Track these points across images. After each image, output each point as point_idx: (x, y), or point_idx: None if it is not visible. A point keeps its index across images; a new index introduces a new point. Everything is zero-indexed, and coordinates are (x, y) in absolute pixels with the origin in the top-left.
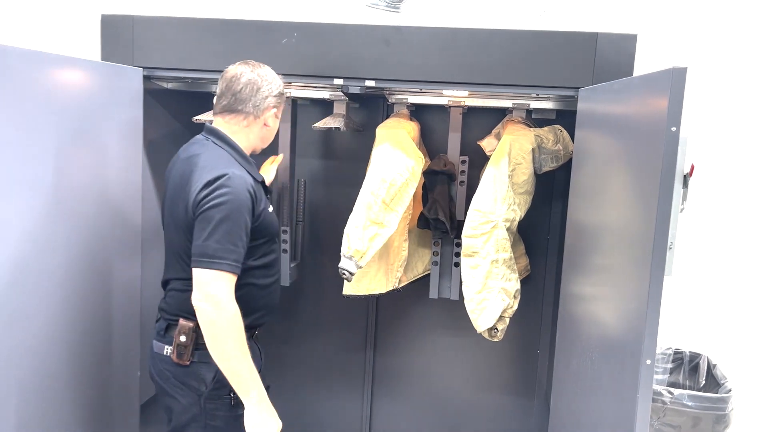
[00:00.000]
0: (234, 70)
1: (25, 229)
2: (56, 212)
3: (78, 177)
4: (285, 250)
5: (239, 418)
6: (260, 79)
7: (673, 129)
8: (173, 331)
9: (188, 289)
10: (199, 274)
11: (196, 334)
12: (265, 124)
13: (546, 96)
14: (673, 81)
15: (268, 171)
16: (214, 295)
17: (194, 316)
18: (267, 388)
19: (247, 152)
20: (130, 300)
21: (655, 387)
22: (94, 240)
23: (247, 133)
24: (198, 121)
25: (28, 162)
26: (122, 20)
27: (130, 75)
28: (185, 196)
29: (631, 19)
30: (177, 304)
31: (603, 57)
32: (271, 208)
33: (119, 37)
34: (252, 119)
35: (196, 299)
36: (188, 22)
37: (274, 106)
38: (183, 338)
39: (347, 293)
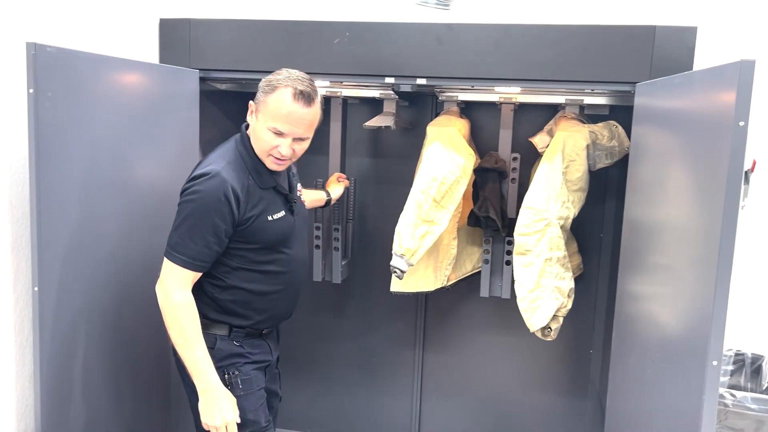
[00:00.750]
0: None
1: (89, 222)
2: (119, 207)
3: (139, 174)
4: (336, 248)
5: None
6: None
7: (741, 123)
8: None
9: None
10: (163, 261)
11: None
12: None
13: (601, 91)
14: (741, 74)
15: (334, 188)
16: (163, 284)
17: None
18: (278, 398)
19: (260, 155)
20: None
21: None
22: (154, 234)
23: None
24: None
25: (93, 159)
26: (180, 23)
27: (187, 77)
28: None
29: (690, 10)
30: None
31: (661, 51)
32: (276, 216)
33: (177, 40)
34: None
35: (157, 283)
36: (242, 24)
37: (255, 101)
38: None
39: (395, 290)
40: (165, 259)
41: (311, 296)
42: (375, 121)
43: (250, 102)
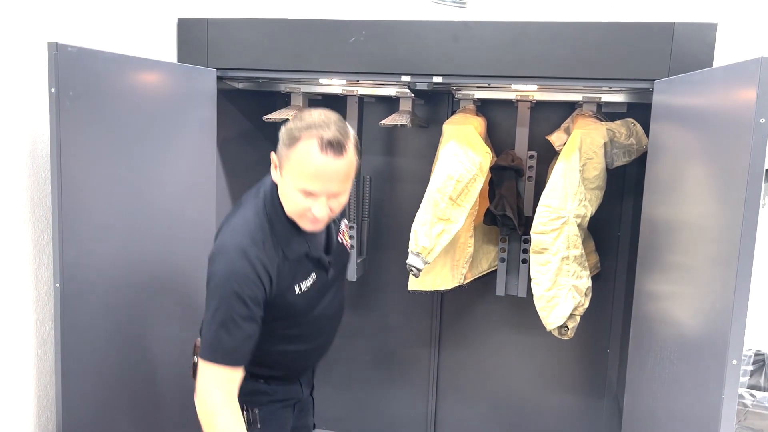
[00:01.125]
0: None
1: (110, 220)
2: (139, 205)
3: (158, 172)
4: (352, 246)
5: None
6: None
7: (762, 120)
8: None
9: None
10: (199, 364)
11: None
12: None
13: (618, 89)
14: (762, 70)
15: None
16: (202, 390)
17: None
18: (313, 427)
19: (292, 217)
20: (204, 292)
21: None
22: (173, 231)
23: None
24: (269, 120)
25: (113, 157)
26: (197, 23)
27: (204, 76)
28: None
29: (710, 7)
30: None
31: (680, 48)
32: (306, 285)
33: (194, 39)
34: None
35: (195, 393)
36: (259, 23)
37: (277, 154)
38: (196, 359)
39: (412, 289)
40: (200, 361)
41: None
42: (391, 120)
43: (272, 154)
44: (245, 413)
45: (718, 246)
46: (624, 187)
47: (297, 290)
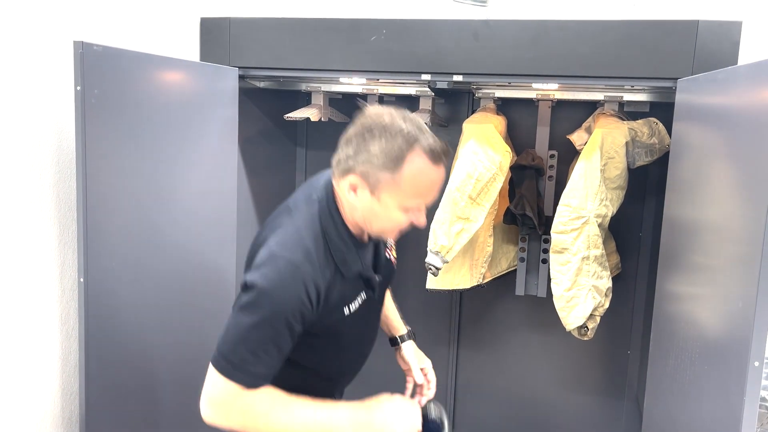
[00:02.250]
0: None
1: (133, 216)
2: (161, 201)
3: (180, 170)
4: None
5: None
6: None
7: None
8: None
9: None
10: (210, 370)
11: None
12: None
13: (640, 88)
14: None
15: (412, 352)
16: (214, 402)
17: None
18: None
19: (376, 233)
20: (224, 289)
21: (761, 392)
22: (195, 227)
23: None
24: (289, 119)
25: (136, 154)
26: (219, 22)
27: (226, 75)
28: (248, 264)
29: (735, 4)
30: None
31: (704, 46)
32: (355, 305)
33: (216, 38)
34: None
35: (202, 403)
36: (280, 22)
37: (363, 178)
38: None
39: (431, 288)
40: (213, 370)
41: None
42: None
43: (350, 178)
44: None
45: (740, 247)
46: (646, 187)
47: (346, 311)
